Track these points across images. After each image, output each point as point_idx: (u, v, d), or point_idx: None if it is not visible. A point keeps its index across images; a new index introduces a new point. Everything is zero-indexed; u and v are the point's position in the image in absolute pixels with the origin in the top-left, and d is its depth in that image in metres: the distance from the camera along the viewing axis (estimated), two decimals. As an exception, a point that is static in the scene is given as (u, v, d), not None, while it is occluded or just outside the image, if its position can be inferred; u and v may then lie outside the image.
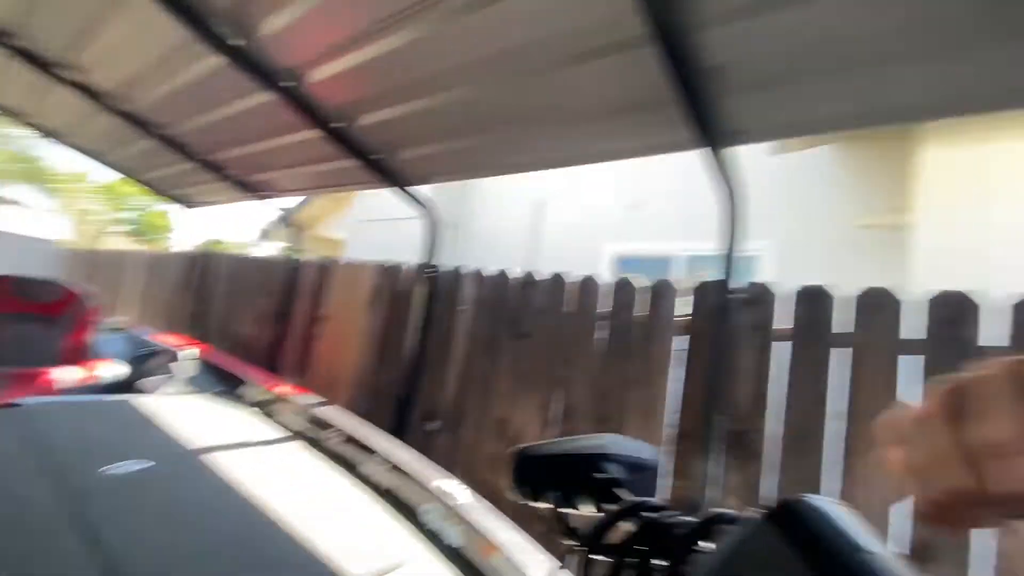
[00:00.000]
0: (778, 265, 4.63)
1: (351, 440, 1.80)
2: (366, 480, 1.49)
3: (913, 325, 1.52)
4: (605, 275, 2.31)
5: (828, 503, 0.43)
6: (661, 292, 2.06)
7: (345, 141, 2.50)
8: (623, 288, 2.17)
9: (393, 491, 1.44)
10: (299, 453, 1.66)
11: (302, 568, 0.97)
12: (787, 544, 0.41)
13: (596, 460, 0.84)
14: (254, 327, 4.29)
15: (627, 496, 0.71)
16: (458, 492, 1.33)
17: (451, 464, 2.47)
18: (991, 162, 3.02)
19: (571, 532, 0.72)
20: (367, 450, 1.70)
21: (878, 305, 1.58)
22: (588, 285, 2.28)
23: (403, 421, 2.78)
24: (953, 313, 1.45)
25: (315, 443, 1.81)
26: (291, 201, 8.26)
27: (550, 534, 0.76)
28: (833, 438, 1.58)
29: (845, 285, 1.69)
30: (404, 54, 1.87)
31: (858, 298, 1.62)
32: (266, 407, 2.21)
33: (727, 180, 1.73)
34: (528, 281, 2.50)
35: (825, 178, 4.59)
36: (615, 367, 2.12)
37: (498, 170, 2.81)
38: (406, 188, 2.93)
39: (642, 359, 2.04)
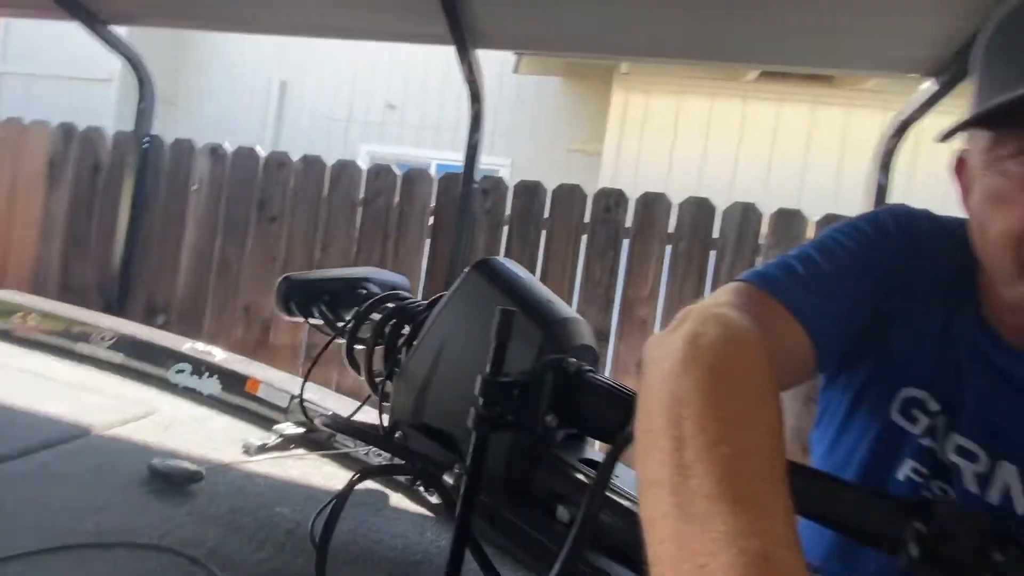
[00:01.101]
0: (513, 179, 5.40)
1: (52, 322, 1.50)
2: (89, 359, 1.31)
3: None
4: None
5: (505, 259, 0.72)
6: (415, 180, 2.27)
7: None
8: (381, 174, 2.29)
9: (128, 365, 1.32)
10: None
11: (27, 430, 0.89)
12: (484, 280, 0.68)
13: (359, 281, 1.03)
14: None
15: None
16: (210, 351, 1.32)
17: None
18: (650, 109, 4.14)
19: (336, 331, 0.90)
20: (81, 330, 1.45)
21: (568, 198, 2.14)
22: (347, 168, 2.31)
23: (117, 315, 2.39)
24: (609, 203, 2.10)
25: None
26: None
27: (320, 333, 0.93)
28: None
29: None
30: None
31: (553, 192, 2.15)
32: None
33: (473, 79, 1.97)
34: (278, 161, 2.36)
35: (552, 106, 5.42)
36: (373, 250, 2.28)
37: (220, 24, 2.44)
38: (99, 26, 2.28)
39: (398, 241, 2.26)
